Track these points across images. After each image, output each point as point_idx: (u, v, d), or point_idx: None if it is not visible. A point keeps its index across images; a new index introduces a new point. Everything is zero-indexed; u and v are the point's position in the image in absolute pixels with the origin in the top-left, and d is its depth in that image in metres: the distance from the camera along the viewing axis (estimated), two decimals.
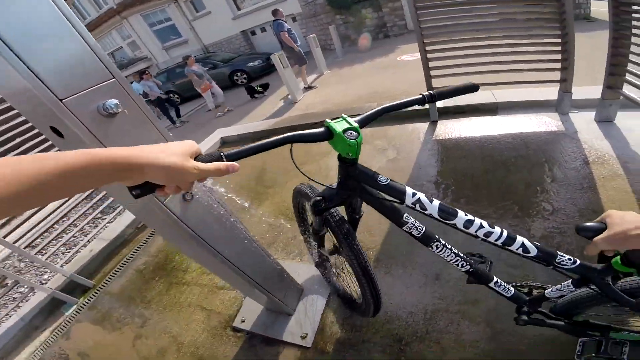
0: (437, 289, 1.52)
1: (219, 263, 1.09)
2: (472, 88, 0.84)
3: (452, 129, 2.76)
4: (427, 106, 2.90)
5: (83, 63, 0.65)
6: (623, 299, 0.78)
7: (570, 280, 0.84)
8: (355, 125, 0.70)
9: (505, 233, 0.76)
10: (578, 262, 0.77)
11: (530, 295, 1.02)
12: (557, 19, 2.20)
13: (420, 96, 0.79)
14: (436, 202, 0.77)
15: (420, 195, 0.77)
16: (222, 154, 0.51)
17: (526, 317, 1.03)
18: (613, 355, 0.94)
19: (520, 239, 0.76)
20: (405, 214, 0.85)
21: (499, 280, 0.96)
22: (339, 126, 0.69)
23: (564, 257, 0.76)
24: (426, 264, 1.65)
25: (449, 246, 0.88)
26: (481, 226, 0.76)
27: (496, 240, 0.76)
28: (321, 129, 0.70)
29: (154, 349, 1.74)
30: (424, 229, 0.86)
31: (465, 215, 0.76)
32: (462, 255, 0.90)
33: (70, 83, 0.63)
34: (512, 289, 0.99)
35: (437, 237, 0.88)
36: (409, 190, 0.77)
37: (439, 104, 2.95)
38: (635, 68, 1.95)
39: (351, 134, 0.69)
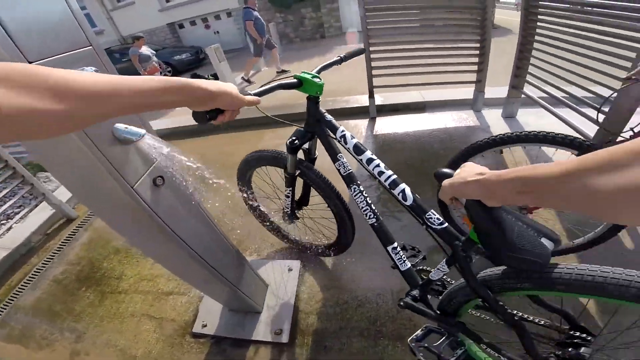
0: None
1: (184, 257, 0.99)
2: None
3: (389, 124, 3.03)
4: (367, 103, 3.17)
5: (59, 25, 0.56)
6: (476, 284, 0.73)
7: (445, 259, 0.83)
8: (315, 73, 0.97)
9: (393, 177, 0.89)
10: (446, 224, 0.80)
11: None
12: (479, 26, 2.57)
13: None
14: (354, 140, 0.98)
15: (346, 133, 1.00)
16: (249, 92, 0.68)
17: (410, 301, 0.96)
18: (441, 354, 0.90)
19: (403, 186, 0.87)
20: (340, 154, 1.06)
21: (398, 248, 0.98)
22: (306, 75, 0.93)
23: (434, 215, 0.81)
24: (382, 250, 1.74)
25: (365, 195, 1.01)
26: (378, 165, 0.91)
27: (385, 180, 0.89)
28: (294, 80, 0.92)
29: None
30: (350, 170, 1.05)
31: (371, 154, 0.94)
32: (373, 208, 1.01)
33: (43, 45, 0.54)
34: (408, 264, 0.98)
35: (358, 182, 1.04)
36: (341, 128, 1.01)
37: (377, 102, 3.18)
38: (534, 70, 2.39)
39: (316, 79, 0.93)
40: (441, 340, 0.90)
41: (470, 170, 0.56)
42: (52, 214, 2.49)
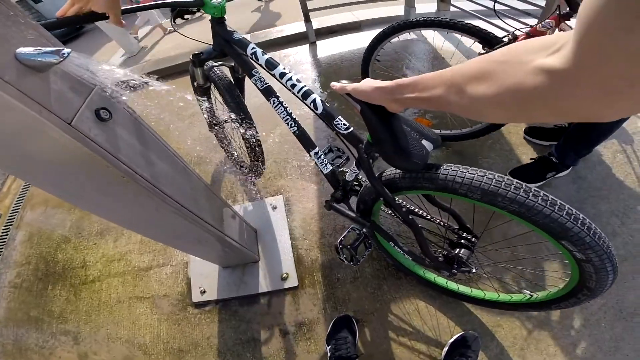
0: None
1: (166, 211, 0.85)
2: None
3: (331, 46, 2.94)
4: (303, 29, 2.94)
5: None
6: (374, 181, 0.82)
7: (354, 161, 0.91)
8: None
9: (305, 88, 0.88)
10: (351, 129, 0.87)
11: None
12: None
13: None
14: (266, 56, 0.94)
15: (257, 49, 0.95)
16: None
17: (334, 203, 1.07)
18: (355, 254, 1.02)
19: (314, 96, 0.88)
20: (255, 69, 1.03)
21: (320, 153, 1.02)
22: None
23: (341, 121, 0.87)
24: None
25: (285, 105, 1.01)
26: (290, 79, 0.90)
27: (298, 92, 0.89)
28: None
29: None
30: (267, 84, 1.03)
31: (283, 69, 0.91)
32: (294, 117, 1.01)
33: None
34: (330, 167, 1.02)
35: (277, 94, 1.02)
36: (251, 45, 0.97)
37: (314, 25, 2.98)
38: None
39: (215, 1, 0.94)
40: (357, 241, 1.00)
41: (371, 83, 0.61)
42: None
